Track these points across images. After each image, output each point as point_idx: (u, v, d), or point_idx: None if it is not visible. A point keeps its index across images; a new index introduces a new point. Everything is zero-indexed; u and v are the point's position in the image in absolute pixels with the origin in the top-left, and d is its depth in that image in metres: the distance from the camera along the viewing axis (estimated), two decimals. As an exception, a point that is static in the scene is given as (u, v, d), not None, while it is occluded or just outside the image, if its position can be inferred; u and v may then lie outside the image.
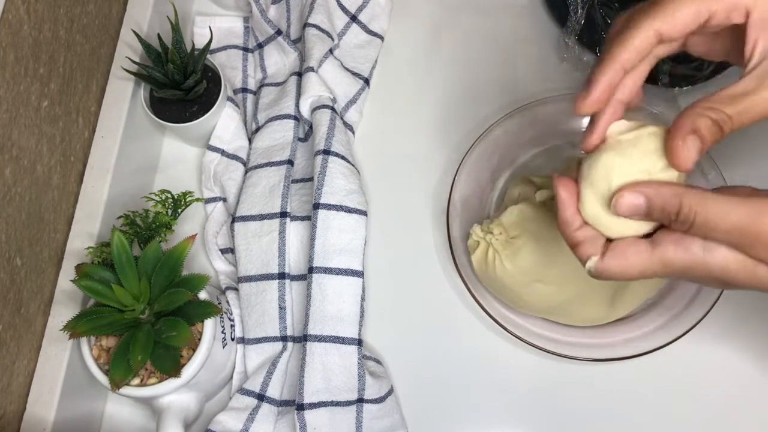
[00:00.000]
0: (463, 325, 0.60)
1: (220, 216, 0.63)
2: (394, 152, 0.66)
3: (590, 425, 0.57)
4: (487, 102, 0.66)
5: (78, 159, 0.57)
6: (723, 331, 0.58)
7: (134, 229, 0.57)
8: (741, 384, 0.57)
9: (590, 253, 0.38)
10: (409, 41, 0.70)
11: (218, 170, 0.64)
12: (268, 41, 0.68)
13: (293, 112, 0.64)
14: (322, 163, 0.58)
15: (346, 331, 0.56)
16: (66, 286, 0.54)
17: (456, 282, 0.59)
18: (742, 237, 0.34)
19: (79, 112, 0.57)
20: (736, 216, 0.34)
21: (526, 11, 0.70)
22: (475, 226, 0.56)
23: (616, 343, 0.56)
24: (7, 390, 0.50)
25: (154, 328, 0.48)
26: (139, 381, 0.50)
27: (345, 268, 0.56)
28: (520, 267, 0.54)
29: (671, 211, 0.35)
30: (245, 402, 0.56)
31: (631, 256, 0.37)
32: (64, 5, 0.54)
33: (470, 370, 0.59)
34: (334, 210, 0.57)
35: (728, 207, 0.34)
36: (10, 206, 0.48)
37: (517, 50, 0.69)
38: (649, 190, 0.36)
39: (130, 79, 0.60)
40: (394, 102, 0.68)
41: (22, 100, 0.49)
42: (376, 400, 0.55)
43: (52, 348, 0.53)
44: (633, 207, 0.36)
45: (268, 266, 0.58)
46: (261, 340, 0.58)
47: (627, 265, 0.37)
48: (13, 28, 0.47)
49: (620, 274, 0.37)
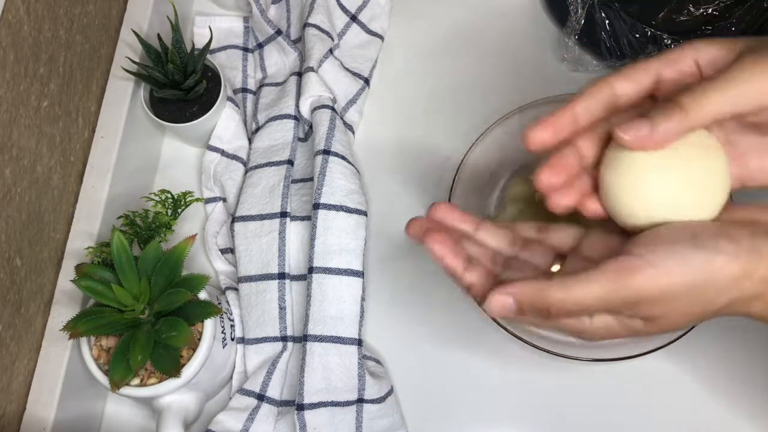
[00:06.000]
0: (464, 325, 0.60)
1: (220, 216, 0.63)
2: (394, 152, 0.66)
3: (590, 425, 0.57)
4: (487, 102, 0.66)
5: (78, 159, 0.57)
6: (723, 330, 0.58)
7: (134, 229, 0.57)
8: (741, 384, 0.57)
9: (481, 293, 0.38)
10: (409, 41, 0.70)
11: (218, 170, 0.64)
12: (268, 41, 0.68)
13: (293, 112, 0.64)
14: (322, 163, 0.58)
15: (346, 331, 0.56)
16: (66, 286, 0.54)
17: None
18: (612, 305, 0.34)
19: (79, 112, 0.57)
20: (599, 290, 0.34)
21: (526, 11, 0.70)
22: (475, 226, 0.56)
23: (616, 343, 0.55)
24: (7, 390, 0.50)
25: (154, 328, 0.48)
26: (139, 381, 0.50)
27: (345, 268, 0.56)
28: (520, 267, 0.54)
29: (541, 307, 0.35)
30: (245, 402, 0.56)
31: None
32: (64, 5, 0.54)
33: (470, 370, 0.59)
34: (334, 210, 0.57)
35: (590, 284, 0.34)
36: (10, 206, 0.48)
37: (517, 50, 0.69)
38: (515, 290, 0.35)
39: (130, 79, 0.60)
40: (394, 102, 0.68)
41: (22, 100, 0.49)
42: (376, 400, 0.55)
43: (52, 348, 0.53)
44: (504, 308, 0.36)
45: (268, 266, 0.58)
46: (261, 340, 0.58)
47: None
48: (13, 28, 0.47)
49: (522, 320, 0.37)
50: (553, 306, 0.35)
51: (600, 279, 0.34)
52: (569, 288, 0.34)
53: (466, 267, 0.40)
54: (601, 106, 0.38)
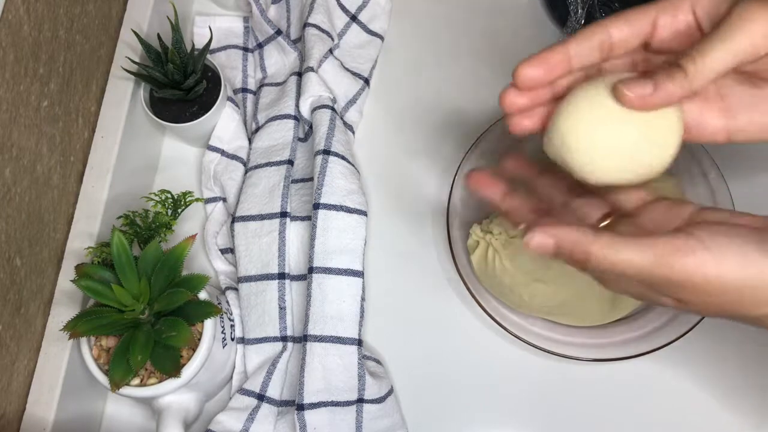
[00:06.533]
0: (463, 325, 0.60)
1: (220, 216, 0.63)
2: (394, 152, 0.66)
3: (590, 425, 0.57)
4: (487, 102, 0.66)
5: (78, 159, 0.57)
6: (724, 330, 0.58)
7: (134, 229, 0.57)
8: (741, 384, 0.57)
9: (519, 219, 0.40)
10: (409, 41, 0.70)
11: (218, 170, 0.64)
12: (268, 41, 0.68)
13: (293, 112, 0.64)
14: (322, 163, 0.58)
15: (346, 331, 0.56)
16: (66, 286, 0.54)
17: (456, 282, 0.59)
18: (652, 280, 0.34)
19: (79, 112, 0.57)
20: (644, 261, 0.34)
21: (526, 11, 0.70)
22: (475, 226, 0.56)
23: (616, 343, 0.55)
24: (7, 390, 0.50)
25: (154, 328, 0.48)
26: (139, 381, 0.50)
27: (345, 268, 0.56)
28: (520, 267, 0.54)
29: (579, 258, 0.35)
30: (245, 402, 0.56)
31: (563, 231, 0.36)
32: (64, 5, 0.54)
33: (470, 370, 0.59)
34: (334, 210, 0.57)
35: (638, 252, 0.34)
36: (10, 206, 0.48)
37: (517, 50, 0.68)
38: (559, 234, 0.36)
39: (130, 79, 0.60)
40: (394, 102, 0.68)
41: (22, 100, 0.49)
42: (376, 401, 0.55)
43: (52, 348, 0.53)
44: (542, 247, 0.36)
45: (268, 266, 0.58)
46: (261, 340, 0.58)
47: (558, 241, 0.37)
48: (13, 28, 0.47)
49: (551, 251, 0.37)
50: (592, 260, 0.35)
51: (649, 250, 0.34)
52: (617, 249, 0.34)
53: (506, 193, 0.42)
54: (596, 49, 0.38)
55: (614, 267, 0.34)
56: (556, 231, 0.36)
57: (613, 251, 0.34)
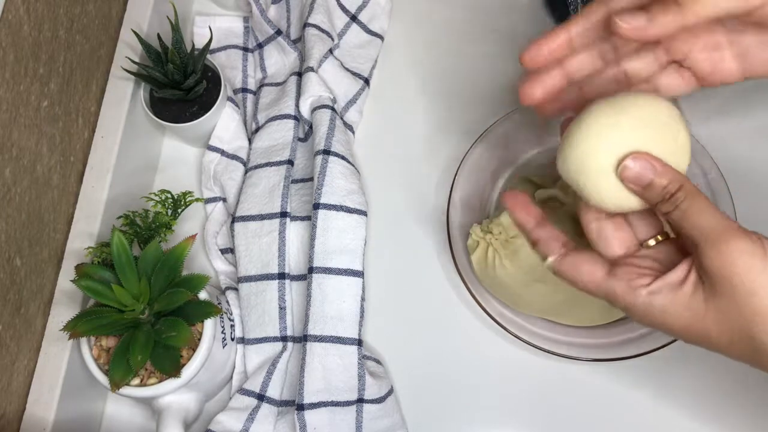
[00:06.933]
0: (463, 325, 0.60)
1: (220, 216, 0.63)
2: (394, 152, 0.66)
3: (590, 425, 0.57)
4: (487, 102, 0.66)
5: (78, 159, 0.57)
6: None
7: (134, 229, 0.57)
8: (741, 384, 0.56)
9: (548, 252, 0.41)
10: (409, 41, 0.70)
11: (218, 170, 0.64)
12: (268, 41, 0.68)
13: (293, 112, 0.64)
14: (322, 163, 0.58)
15: (346, 331, 0.56)
16: (66, 286, 0.54)
17: (456, 282, 0.59)
18: (709, 238, 0.35)
19: (79, 112, 0.57)
20: (713, 220, 0.35)
21: (526, 11, 0.70)
22: (475, 226, 0.56)
23: (615, 343, 0.55)
24: (7, 390, 0.50)
25: (154, 328, 0.48)
26: (139, 381, 0.50)
27: (345, 268, 0.56)
28: (520, 266, 0.54)
29: (671, 190, 0.36)
30: (245, 402, 0.56)
31: (584, 274, 0.39)
32: (64, 5, 0.54)
33: (470, 370, 0.59)
34: (334, 210, 0.57)
35: (709, 212, 0.35)
36: (10, 206, 0.48)
37: (517, 50, 0.69)
38: (659, 165, 0.36)
39: (130, 79, 0.60)
40: (394, 102, 0.68)
41: (22, 100, 0.49)
42: (376, 401, 0.55)
43: (52, 348, 0.53)
44: (638, 176, 0.36)
45: (268, 266, 0.58)
46: (261, 340, 0.58)
47: (577, 279, 0.40)
48: (13, 28, 0.47)
49: (571, 283, 0.40)
50: (676, 197, 0.36)
51: (717, 216, 0.35)
52: (696, 196, 0.36)
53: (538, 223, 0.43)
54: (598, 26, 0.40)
55: (688, 211, 0.36)
56: (656, 163, 0.36)
57: (696, 196, 0.36)
